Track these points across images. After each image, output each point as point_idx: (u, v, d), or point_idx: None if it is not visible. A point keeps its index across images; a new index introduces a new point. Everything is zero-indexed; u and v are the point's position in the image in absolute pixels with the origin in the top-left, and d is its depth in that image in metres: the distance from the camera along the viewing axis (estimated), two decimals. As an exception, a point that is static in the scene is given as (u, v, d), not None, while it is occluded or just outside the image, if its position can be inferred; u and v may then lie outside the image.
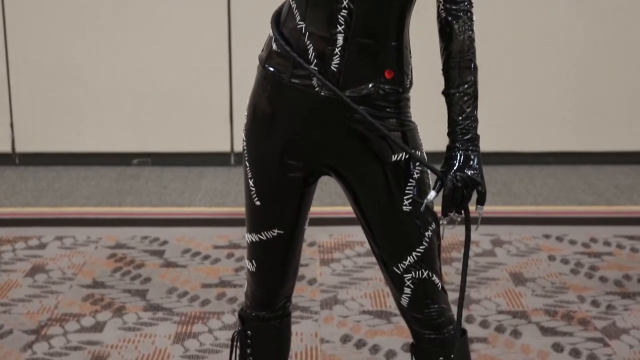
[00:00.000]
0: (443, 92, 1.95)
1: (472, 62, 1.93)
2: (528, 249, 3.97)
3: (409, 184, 1.96)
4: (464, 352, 2.12)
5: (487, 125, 2.56)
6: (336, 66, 1.89)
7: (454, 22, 1.92)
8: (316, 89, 1.91)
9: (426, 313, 2.04)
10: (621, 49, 5.26)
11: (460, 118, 1.92)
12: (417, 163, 1.95)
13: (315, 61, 1.90)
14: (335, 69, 1.89)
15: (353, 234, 4.09)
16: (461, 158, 1.90)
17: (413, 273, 2.00)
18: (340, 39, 1.88)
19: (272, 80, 1.96)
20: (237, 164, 5.29)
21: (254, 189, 2.04)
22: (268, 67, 1.97)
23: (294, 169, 2.00)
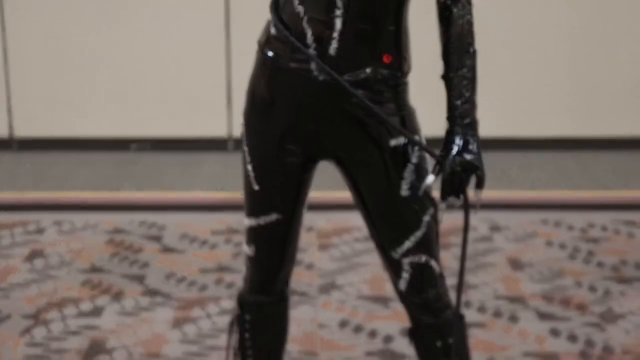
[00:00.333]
0: (442, 77, 1.95)
1: (471, 47, 1.93)
2: (526, 235, 3.98)
3: (408, 169, 1.96)
4: (462, 337, 2.13)
5: (486, 110, 2.56)
6: (334, 50, 1.89)
7: (453, 7, 1.92)
8: (314, 74, 1.91)
9: (424, 298, 2.04)
10: (620, 35, 5.25)
11: (459, 102, 1.92)
12: (416, 148, 1.95)
13: (313, 45, 1.90)
14: (333, 53, 1.89)
15: (351, 219, 4.09)
16: (460, 142, 1.90)
17: (411, 258, 2.00)
18: (338, 23, 1.88)
19: (271, 64, 1.96)
20: (236, 150, 5.29)
21: (253, 174, 2.05)
22: (267, 52, 1.97)
23: (293, 154, 2.00)
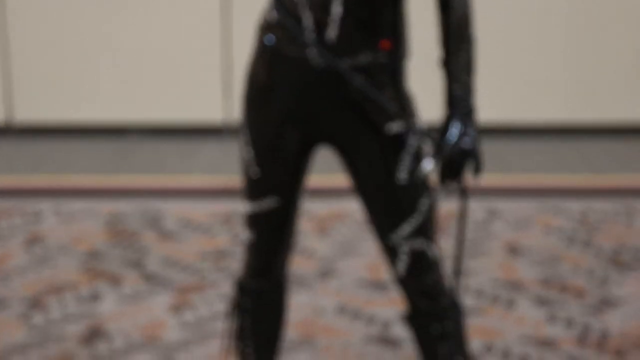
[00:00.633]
0: (440, 63, 1.95)
1: (470, 33, 1.93)
2: (524, 220, 3.98)
3: (406, 154, 1.96)
4: (459, 323, 2.14)
5: (483, 96, 2.57)
6: (334, 36, 1.89)
7: (453, -7, 1.92)
8: (314, 59, 1.91)
9: (422, 283, 2.05)
10: (617, 20, 5.24)
11: (457, 88, 1.92)
12: (414, 133, 1.96)
13: (312, 31, 1.90)
14: (332, 39, 1.89)
15: (349, 205, 4.09)
16: (458, 128, 1.90)
17: (409, 243, 2.00)
18: (338, 9, 1.88)
19: (270, 50, 1.96)
20: (234, 136, 5.29)
21: (252, 158, 2.05)
22: (266, 37, 1.97)
23: (292, 139, 2.00)
